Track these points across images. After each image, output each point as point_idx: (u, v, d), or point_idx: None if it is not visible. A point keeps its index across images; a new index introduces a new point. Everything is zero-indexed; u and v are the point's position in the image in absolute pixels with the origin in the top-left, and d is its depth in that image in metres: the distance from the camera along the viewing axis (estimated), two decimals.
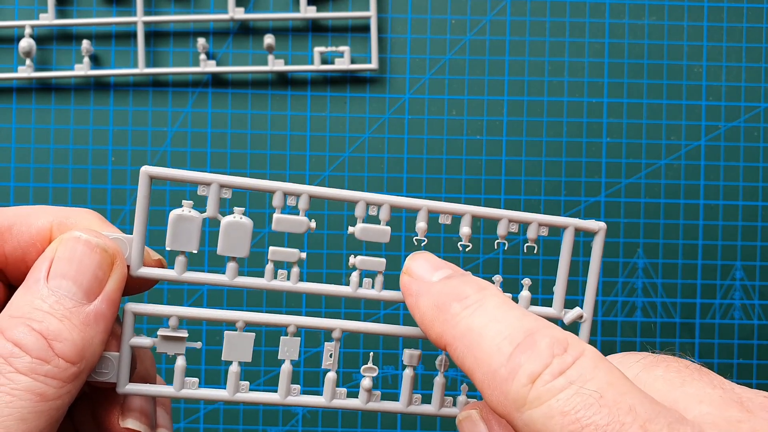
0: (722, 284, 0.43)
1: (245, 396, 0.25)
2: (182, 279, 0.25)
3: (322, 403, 0.26)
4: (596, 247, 0.27)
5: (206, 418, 0.43)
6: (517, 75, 0.44)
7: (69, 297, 0.23)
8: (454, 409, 0.27)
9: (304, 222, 0.25)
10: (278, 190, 0.25)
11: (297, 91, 0.44)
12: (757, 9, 0.44)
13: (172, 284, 0.43)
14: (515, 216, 0.26)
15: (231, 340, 0.25)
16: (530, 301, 0.26)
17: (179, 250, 0.25)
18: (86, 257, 0.23)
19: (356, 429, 0.43)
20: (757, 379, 0.43)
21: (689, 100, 0.43)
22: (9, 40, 0.44)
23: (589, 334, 0.27)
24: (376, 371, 0.26)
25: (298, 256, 0.25)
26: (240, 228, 0.25)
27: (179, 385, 0.25)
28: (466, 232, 0.26)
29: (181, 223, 0.24)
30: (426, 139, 0.43)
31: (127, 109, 0.44)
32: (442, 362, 0.27)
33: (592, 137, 0.43)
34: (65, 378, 0.22)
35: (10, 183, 0.44)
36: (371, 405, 0.26)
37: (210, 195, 0.25)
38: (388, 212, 0.26)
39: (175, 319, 0.25)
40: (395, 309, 0.43)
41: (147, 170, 0.24)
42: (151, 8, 0.44)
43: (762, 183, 0.43)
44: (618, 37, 0.44)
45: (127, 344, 0.24)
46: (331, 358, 0.26)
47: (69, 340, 0.22)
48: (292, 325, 0.25)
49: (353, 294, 0.26)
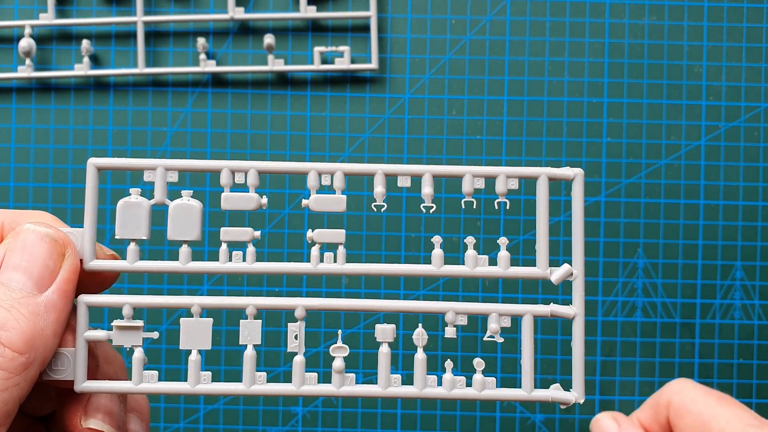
0: (722, 284, 0.43)
1: (206, 387, 0.24)
2: (134, 268, 0.24)
3: (290, 390, 0.25)
4: (576, 196, 0.26)
5: (206, 419, 0.43)
6: (517, 75, 0.44)
7: (18, 288, 0.22)
8: (439, 389, 0.25)
9: (254, 198, 0.25)
10: (224, 167, 0.25)
11: (297, 91, 0.44)
12: (757, 9, 0.43)
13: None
14: (479, 171, 0.25)
15: (188, 327, 0.24)
16: (509, 261, 0.25)
17: (129, 238, 0.24)
18: (35, 247, 0.23)
19: (356, 429, 0.43)
20: (757, 379, 0.43)
21: (689, 100, 0.43)
22: (9, 40, 0.44)
23: (584, 292, 0.25)
24: (347, 350, 0.25)
25: (251, 234, 0.25)
26: (189, 210, 0.24)
27: (138, 379, 0.24)
28: (428, 192, 0.25)
29: (129, 209, 0.24)
30: (426, 139, 0.43)
31: (126, 109, 0.44)
32: (420, 336, 0.25)
33: (592, 137, 0.43)
34: (12, 368, 0.21)
35: (9, 183, 0.44)
36: (345, 390, 0.25)
37: (156, 179, 0.24)
38: (341, 180, 0.25)
39: (128, 308, 0.24)
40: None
41: (93, 161, 0.24)
42: (151, 8, 0.44)
43: (762, 183, 0.43)
44: (618, 37, 0.44)
45: (82, 338, 0.24)
46: (296, 339, 0.24)
47: (16, 328, 0.21)
48: (251, 306, 0.24)
49: (314, 270, 0.25)
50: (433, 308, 0.25)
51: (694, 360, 0.43)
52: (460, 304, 0.25)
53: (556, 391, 0.25)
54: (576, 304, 0.25)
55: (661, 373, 0.43)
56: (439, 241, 0.25)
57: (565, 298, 0.26)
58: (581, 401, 0.25)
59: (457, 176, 0.25)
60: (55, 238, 0.23)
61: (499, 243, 0.25)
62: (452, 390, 0.25)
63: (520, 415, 0.43)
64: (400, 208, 0.43)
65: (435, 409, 0.43)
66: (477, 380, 0.25)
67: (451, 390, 0.25)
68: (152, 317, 0.43)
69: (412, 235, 0.43)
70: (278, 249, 0.43)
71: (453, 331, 0.25)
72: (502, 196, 0.25)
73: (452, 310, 0.25)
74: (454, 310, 0.25)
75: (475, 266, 0.25)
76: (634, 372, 0.43)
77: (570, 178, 0.26)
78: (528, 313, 0.25)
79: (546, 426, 0.43)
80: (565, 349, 0.43)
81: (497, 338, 0.25)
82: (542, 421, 0.43)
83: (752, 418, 0.33)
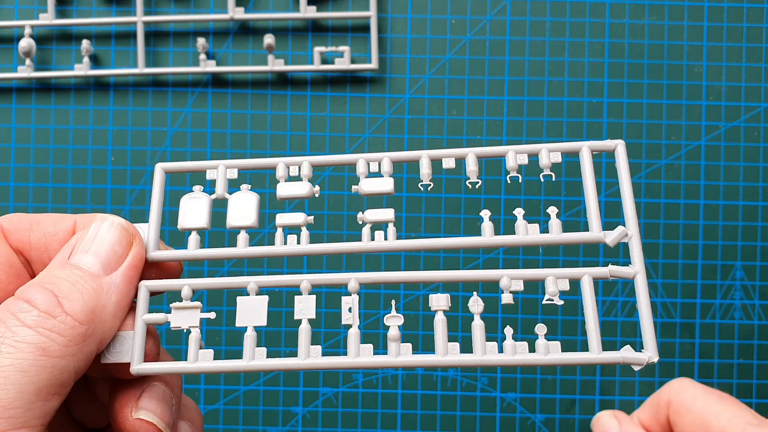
0: (722, 284, 0.43)
1: (262, 363, 0.24)
2: (195, 255, 0.26)
3: (346, 362, 0.24)
4: (621, 163, 0.26)
5: (206, 419, 0.43)
6: (517, 75, 0.44)
7: (87, 267, 0.23)
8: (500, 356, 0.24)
9: (306, 185, 0.26)
10: (280, 163, 0.26)
11: (297, 91, 0.44)
12: (757, 9, 0.43)
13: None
14: (522, 148, 0.26)
15: (244, 304, 0.25)
16: (561, 227, 0.25)
17: (190, 228, 0.26)
18: (106, 234, 0.24)
19: (356, 429, 0.43)
20: (757, 379, 0.43)
21: (689, 100, 0.43)
22: (9, 40, 0.44)
23: (641, 252, 0.25)
24: (401, 319, 0.25)
25: (305, 218, 0.26)
26: (247, 200, 0.26)
27: (194, 358, 0.25)
28: (473, 170, 0.26)
29: (191, 202, 0.26)
30: (426, 139, 0.43)
31: (126, 109, 0.44)
32: (476, 303, 0.24)
33: (592, 137, 0.43)
34: (71, 337, 0.22)
35: (9, 183, 0.44)
36: (402, 359, 0.24)
37: (218, 176, 0.26)
38: (389, 165, 0.26)
39: (187, 290, 0.25)
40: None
41: (162, 166, 0.27)
42: (151, 8, 0.44)
43: (762, 183, 0.43)
44: (618, 37, 0.44)
45: (141, 319, 0.25)
46: (350, 312, 0.25)
47: (79, 300, 0.22)
48: (305, 281, 0.25)
49: (365, 248, 0.25)
50: (488, 276, 0.25)
51: (694, 360, 0.43)
52: (514, 271, 0.25)
53: (627, 352, 0.25)
54: (635, 263, 0.25)
55: (661, 373, 0.43)
56: (488, 214, 0.25)
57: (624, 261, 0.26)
58: (655, 360, 0.24)
59: (501, 155, 0.26)
60: (125, 227, 0.25)
61: (549, 212, 0.25)
62: (514, 355, 0.24)
63: (520, 415, 0.43)
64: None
65: (435, 409, 0.43)
66: (540, 345, 0.24)
67: (513, 355, 0.24)
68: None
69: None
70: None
71: (509, 297, 0.24)
72: (546, 169, 0.26)
73: (507, 275, 0.25)
74: (509, 276, 0.25)
75: (527, 234, 0.25)
76: (634, 372, 0.43)
77: (612, 149, 0.26)
78: (586, 274, 0.25)
79: (546, 426, 0.43)
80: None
81: (556, 300, 0.24)
82: (542, 421, 0.43)
83: (752, 417, 0.33)
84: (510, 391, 0.43)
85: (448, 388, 0.43)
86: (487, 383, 0.43)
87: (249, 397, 0.43)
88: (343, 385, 0.43)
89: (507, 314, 0.42)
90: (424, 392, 0.43)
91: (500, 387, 0.43)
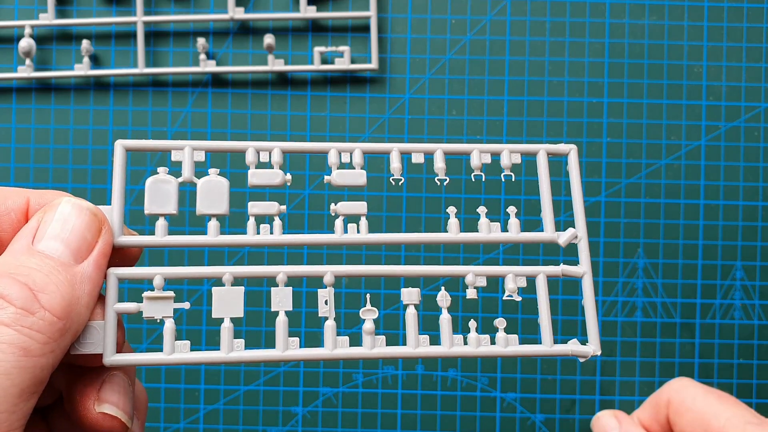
0: (722, 284, 0.43)
1: (241, 354, 0.24)
2: (164, 242, 0.25)
3: (323, 354, 0.25)
4: (573, 167, 0.28)
5: (206, 419, 0.43)
6: (517, 75, 0.44)
7: (56, 256, 0.22)
8: (465, 348, 0.26)
9: (278, 174, 0.26)
10: (250, 147, 0.26)
11: (297, 91, 0.44)
12: (757, 9, 0.44)
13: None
14: (486, 147, 0.27)
15: (221, 295, 0.25)
16: (519, 227, 0.27)
17: (158, 213, 0.25)
18: (74, 219, 0.23)
19: (356, 429, 0.43)
20: (757, 379, 0.43)
21: (689, 100, 0.43)
22: (9, 40, 0.44)
23: (589, 253, 0.27)
24: (376, 313, 0.25)
25: (277, 208, 0.26)
26: (217, 186, 0.25)
27: (170, 349, 0.24)
28: (440, 166, 0.27)
29: (158, 185, 0.25)
30: (426, 139, 0.43)
31: (126, 109, 0.44)
32: (444, 298, 0.26)
33: (592, 137, 0.43)
34: (51, 334, 0.21)
35: (9, 183, 0.44)
36: (377, 351, 0.25)
37: (184, 158, 0.25)
38: (360, 157, 0.26)
39: (159, 279, 0.25)
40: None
41: (122, 143, 0.25)
42: (151, 8, 0.44)
43: (762, 183, 0.43)
44: (618, 37, 0.44)
45: (112, 309, 0.24)
46: (327, 305, 0.25)
47: (56, 293, 0.21)
48: (282, 273, 0.25)
49: (338, 240, 0.26)
50: (454, 272, 0.26)
51: (694, 360, 0.43)
52: (478, 267, 0.26)
53: (574, 345, 0.26)
54: (583, 263, 0.27)
55: (661, 373, 0.43)
56: (455, 210, 0.27)
57: None
58: (598, 353, 0.26)
59: (466, 153, 0.27)
60: (94, 212, 0.24)
61: (508, 211, 0.27)
62: (478, 347, 0.26)
63: (520, 415, 0.43)
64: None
65: (435, 409, 0.43)
66: (500, 338, 0.26)
67: (477, 347, 0.26)
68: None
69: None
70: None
71: (474, 292, 0.26)
72: (507, 169, 0.27)
73: (472, 272, 0.26)
74: (474, 272, 0.26)
75: (489, 232, 0.27)
76: (634, 372, 0.43)
77: (566, 153, 0.28)
78: (541, 273, 0.26)
79: (546, 426, 0.43)
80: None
81: (515, 297, 0.26)
82: (542, 421, 0.43)
83: (752, 416, 0.33)
84: (510, 391, 0.43)
85: (448, 388, 0.43)
86: (487, 383, 0.43)
87: (249, 397, 0.43)
88: (343, 385, 0.43)
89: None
90: (424, 392, 0.43)
91: (500, 387, 0.43)
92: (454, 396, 0.43)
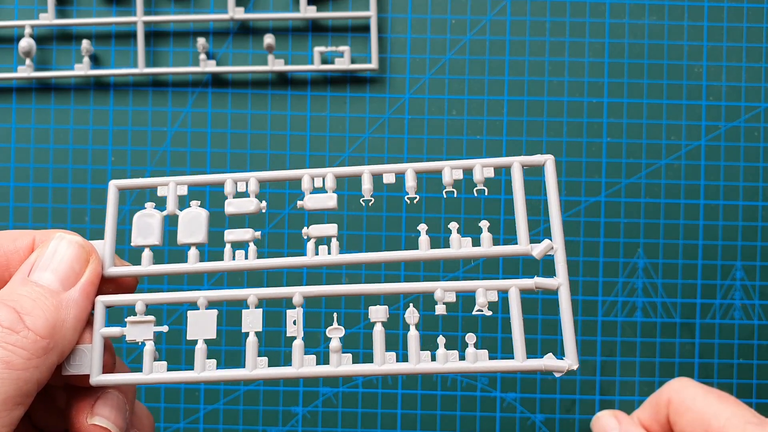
0: (722, 284, 0.43)
1: (212, 374, 0.26)
2: (149, 271, 0.27)
3: (290, 372, 0.26)
4: (550, 178, 0.27)
5: (206, 419, 0.43)
6: (517, 75, 0.44)
7: (46, 284, 0.25)
8: (432, 364, 0.26)
9: (253, 202, 0.27)
10: (228, 179, 0.28)
11: (297, 91, 0.44)
12: (757, 9, 0.44)
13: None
14: (457, 164, 0.27)
15: (194, 318, 0.26)
16: (492, 241, 0.27)
17: (143, 245, 0.27)
18: (64, 251, 0.26)
19: (356, 429, 0.43)
20: (757, 379, 0.43)
21: (689, 100, 0.43)
22: (9, 40, 0.44)
23: (566, 265, 0.26)
24: (342, 331, 0.26)
25: (252, 234, 0.27)
26: (197, 217, 0.27)
27: (149, 369, 0.26)
28: (411, 185, 0.27)
29: (143, 219, 0.27)
30: (426, 139, 0.43)
31: (126, 109, 0.44)
32: (411, 315, 0.26)
33: (592, 137, 0.43)
34: (33, 350, 0.23)
35: (9, 183, 0.44)
36: (343, 369, 0.26)
37: (168, 193, 0.28)
38: (332, 181, 0.27)
39: (141, 304, 0.27)
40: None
41: (115, 183, 0.28)
42: (151, 8, 0.44)
43: (762, 183, 0.43)
44: (618, 37, 0.44)
45: (99, 333, 0.26)
46: (295, 325, 0.26)
47: (40, 316, 0.24)
48: (252, 296, 0.26)
49: (310, 262, 0.27)
50: (422, 288, 0.26)
51: (694, 360, 0.43)
52: (447, 283, 0.26)
53: (549, 359, 0.26)
54: (559, 275, 0.26)
55: (661, 373, 0.43)
56: (425, 228, 0.27)
57: None
58: (575, 367, 0.26)
59: (437, 171, 0.27)
60: (81, 244, 0.26)
61: (481, 226, 0.27)
62: (445, 363, 0.26)
63: (520, 415, 0.43)
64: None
65: (435, 409, 0.43)
66: (470, 353, 0.26)
67: (445, 363, 0.26)
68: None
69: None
70: (279, 249, 0.43)
71: (443, 308, 0.26)
72: (480, 183, 0.27)
73: (440, 288, 0.26)
74: (442, 288, 0.26)
75: (460, 247, 0.27)
76: (634, 372, 0.43)
77: (541, 164, 0.28)
78: (513, 286, 0.26)
79: (546, 426, 0.43)
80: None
81: (485, 311, 0.26)
82: (542, 421, 0.43)
83: (752, 416, 0.33)
84: (510, 391, 0.43)
85: (448, 388, 0.43)
86: (487, 383, 0.43)
87: (249, 397, 0.43)
88: (343, 385, 0.43)
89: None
90: (424, 392, 0.43)
91: (500, 387, 0.43)
92: (454, 396, 0.43)
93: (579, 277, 0.43)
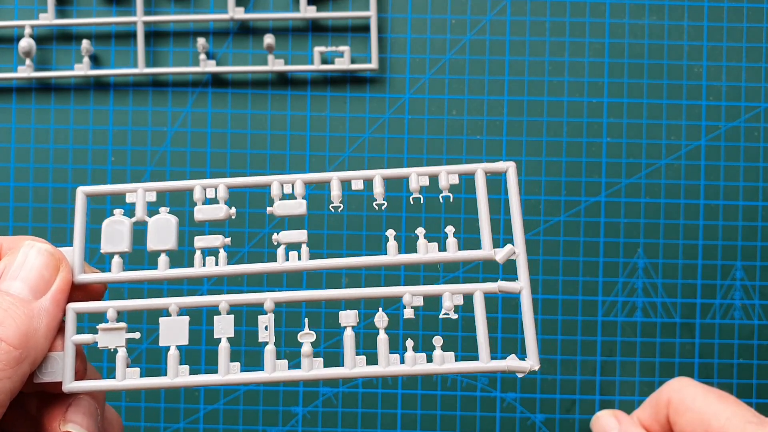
0: (722, 284, 0.43)
1: (185, 380, 0.26)
2: (119, 278, 0.27)
3: (262, 377, 0.26)
4: (512, 184, 0.28)
5: (206, 419, 0.43)
6: (517, 75, 0.44)
7: (16, 293, 0.25)
8: (401, 366, 0.27)
9: (223, 208, 0.27)
10: (197, 185, 0.28)
11: (297, 91, 0.44)
12: (757, 9, 0.44)
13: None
14: (423, 170, 0.28)
15: (166, 325, 0.27)
16: (457, 246, 0.27)
17: (113, 252, 0.27)
18: (34, 259, 0.25)
19: (356, 429, 0.43)
20: (757, 379, 0.43)
21: (689, 100, 0.43)
22: (9, 40, 0.44)
23: (527, 269, 0.27)
24: (314, 336, 0.27)
25: (222, 240, 0.27)
26: (166, 223, 0.27)
27: (122, 376, 0.26)
28: (379, 191, 0.27)
29: (112, 227, 0.27)
30: (426, 139, 0.43)
31: (126, 109, 0.44)
32: (381, 319, 0.27)
33: (592, 137, 0.43)
34: (6, 361, 0.23)
35: (9, 183, 0.44)
36: (314, 373, 0.26)
37: (137, 200, 0.28)
38: (301, 187, 0.28)
39: (112, 311, 0.27)
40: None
41: (83, 189, 0.28)
42: (151, 8, 0.44)
43: (762, 183, 0.43)
44: (618, 37, 0.44)
45: (70, 341, 0.26)
46: (267, 330, 0.26)
47: (12, 326, 0.24)
48: (224, 302, 0.27)
49: (280, 268, 0.27)
50: (391, 293, 0.27)
51: (694, 360, 0.43)
52: (415, 287, 0.27)
53: (512, 360, 0.27)
54: (521, 278, 0.27)
55: (661, 373, 0.43)
56: (393, 233, 0.27)
57: None
58: (536, 368, 0.27)
59: (405, 177, 0.28)
60: (51, 252, 0.26)
61: (446, 231, 0.27)
62: (414, 366, 0.26)
63: (520, 415, 0.43)
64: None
65: (435, 409, 0.43)
66: (437, 356, 0.27)
67: (413, 366, 0.26)
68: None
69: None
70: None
71: (411, 312, 0.27)
72: (445, 190, 0.28)
73: (408, 292, 0.27)
74: (410, 292, 0.27)
75: (426, 252, 0.27)
76: (634, 372, 0.43)
77: (504, 170, 0.28)
78: (478, 290, 0.27)
79: (546, 426, 0.43)
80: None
81: (452, 315, 0.27)
82: (542, 421, 0.43)
83: (752, 416, 0.33)
84: (510, 391, 0.43)
85: (448, 388, 0.43)
86: (487, 383, 0.43)
87: (249, 397, 0.43)
88: (343, 385, 0.43)
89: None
90: (424, 392, 0.43)
91: (500, 387, 0.43)
92: (454, 396, 0.43)
93: (579, 277, 0.43)
